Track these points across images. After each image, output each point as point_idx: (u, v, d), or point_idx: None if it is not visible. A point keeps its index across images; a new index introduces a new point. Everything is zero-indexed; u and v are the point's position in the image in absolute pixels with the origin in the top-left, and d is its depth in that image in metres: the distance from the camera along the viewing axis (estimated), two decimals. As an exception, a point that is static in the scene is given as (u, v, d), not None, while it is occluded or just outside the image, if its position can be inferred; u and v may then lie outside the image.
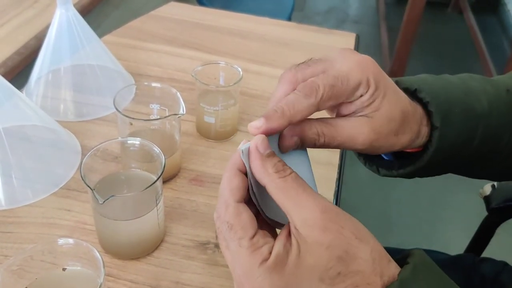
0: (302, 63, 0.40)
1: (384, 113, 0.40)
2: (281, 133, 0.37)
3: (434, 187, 1.78)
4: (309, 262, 0.31)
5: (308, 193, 0.33)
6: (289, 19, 1.81)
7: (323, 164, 0.70)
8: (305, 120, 0.38)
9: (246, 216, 0.34)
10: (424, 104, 0.43)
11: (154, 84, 0.66)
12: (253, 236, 0.33)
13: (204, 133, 0.73)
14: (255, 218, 0.34)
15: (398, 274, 0.33)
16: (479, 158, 0.46)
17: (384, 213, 1.67)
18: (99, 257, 0.43)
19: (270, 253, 0.32)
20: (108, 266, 0.54)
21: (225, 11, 1.08)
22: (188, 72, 0.84)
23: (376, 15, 2.89)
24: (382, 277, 0.32)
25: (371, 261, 0.32)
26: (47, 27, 0.74)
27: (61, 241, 0.44)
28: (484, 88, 0.46)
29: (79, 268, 0.45)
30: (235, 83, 0.69)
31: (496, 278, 0.77)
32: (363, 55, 0.40)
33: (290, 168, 0.34)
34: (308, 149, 0.40)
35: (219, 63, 0.73)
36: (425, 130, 0.43)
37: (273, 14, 1.16)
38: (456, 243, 1.05)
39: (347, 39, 1.04)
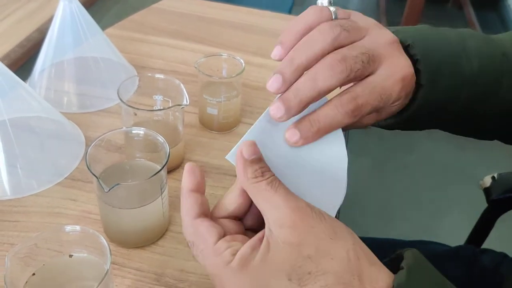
0: (339, 19, 0.38)
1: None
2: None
3: (434, 179, 1.79)
4: (277, 260, 0.31)
5: (279, 193, 0.33)
6: (290, 13, 1.81)
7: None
8: None
9: (203, 229, 0.35)
10: (414, 61, 0.43)
11: (157, 76, 0.66)
12: (215, 243, 0.34)
13: (207, 124, 0.73)
14: (215, 227, 0.36)
15: (393, 281, 0.31)
16: (464, 118, 0.46)
17: (384, 205, 1.67)
18: (106, 244, 0.43)
19: (234, 255, 0.33)
20: (113, 255, 0.54)
21: (227, 4, 1.09)
22: (191, 64, 0.84)
23: (377, 9, 2.89)
24: (361, 279, 0.31)
25: (346, 260, 0.31)
26: (49, 20, 0.74)
27: (68, 228, 0.45)
28: (480, 48, 0.45)
29: (85, 255, 0.46)
30: (237, 74, 0.69)
31: (496, 269, 0.78)
32: (408, 65, 0.40)
33: (270, 172, 0.35)
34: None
35: (222, 55, 0.73)
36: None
37: (274, 8, 1.16)
38: (455, 235, 1.05)
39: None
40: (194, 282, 0.53)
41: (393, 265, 0.33)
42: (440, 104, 0.44)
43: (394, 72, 0.38)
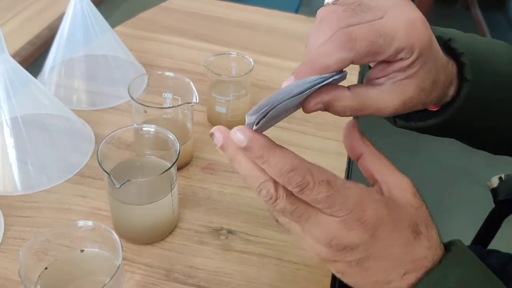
0: (347, 5, 0.35)
1: (415, 82, 0.37)
2: (307, 97, 0.35)
3: (439, 180, 1.78)
4: (403, 215, 0.35)
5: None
6: (297, 13, 1.81)
7: (333, 154, 0.71)
8: (335, 89, 0.36)
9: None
10: (456, 55, 0.41)
11: (167, 74, 0.67)
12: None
13: (216, 123, 0.73)
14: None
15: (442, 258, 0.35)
16: (499, 128, 0.45)
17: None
18: (117, 239, 0.44)
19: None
20: (123, 250, 0.54)
21: (235, 3, 1.09)
22: (199, 63, 0.84)
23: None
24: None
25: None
26: (59, 18, 0.75)
27: (80, 223, 0.45)
28: (509, 54, 0.45)
29: (97, 250, 0.47)
30: (246, 73, 0.70)
31: (502, 269, 0.78)
32: (418, 13, 0.36)
33: None
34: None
35: (231, 54, 0.73)
36: (453, 86, 0.42)
37: (281, 7, 1.16)
38: (461, 236, 1.05)
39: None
40: (203, 278, 0.53)
41: None
42: (484, 104, 0.42)
43: (400, 13, 0.35)
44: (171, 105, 0.67)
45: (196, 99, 0.62)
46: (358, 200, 0.33)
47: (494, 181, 0.87)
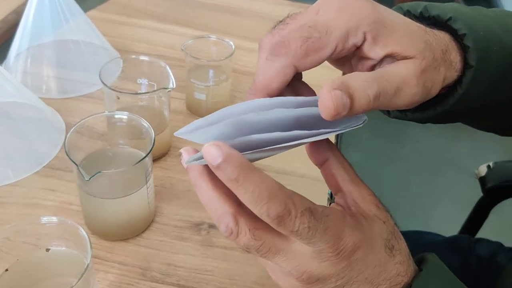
0: (280, 21, 0.34)
1: (406, 62, 0.33)
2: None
3: (425, 170, 1.78)
4: (375, 230, 0.33)
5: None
6: None
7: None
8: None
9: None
10: (458, 36, 0.36)
11: (142, 58, 0.62)
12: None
13: (195, 110, 0.70)
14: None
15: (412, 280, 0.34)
16: (507, 109, 0.41)
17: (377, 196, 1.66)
18: (86, 236, 0.40)
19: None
20: (95, 248, 0.51)
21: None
22: (177, 48, 0.80)
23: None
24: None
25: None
26: (27, 1, 0.70)
27: (44, 219, 0.41)
28: None
29: (63, 248, 0.43)
30: (227, 57, 0.66)
31: (492, 258, 0.76)
32: None
33: None
34: None
35: (210, 37, 0.69)
36: (456, 61, 0.36)
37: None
38: (448, 225, 1.04)
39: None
40: (183, 276, 0.50)
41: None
42: (488, 89, 0.38)
43: (330, 4, 0.33)
44: (146, 91, 0.62)
45: (173, 85, 0.58)
46: (335, 229, 0.30)
47: (482, 170, 0.85)
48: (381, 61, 0.34)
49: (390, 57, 0.33)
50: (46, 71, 0.73)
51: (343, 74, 0.35)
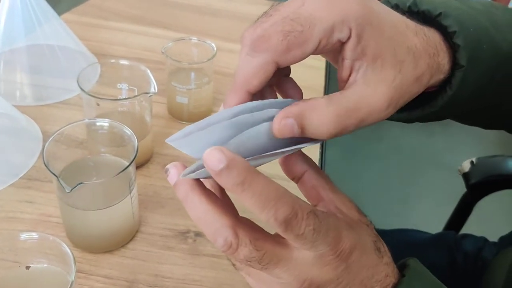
0: (263, 13, 0.32)
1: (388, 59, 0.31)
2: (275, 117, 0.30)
3: (403, 167, 1.79)
4: (364, 235, 0.33)
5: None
6: None
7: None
8: (304, 100, 0.31)
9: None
10: (448, 33, 0.35)
11: (121, 62, 0.60)
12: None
13: (177, 114, 0.68)
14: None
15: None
16: (494, 105, 0.41)
17: (355, 194, 1.66)
18: (69, 252, 0.38)
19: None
20: (78, 261, 0.49)
21: (193, -12, 1.03)
22: (156, 51, 0.78)
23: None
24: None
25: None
26: (-2, 4, 0.67)
27: (23, 235, 0.39)
28: (509, 20, 0.39)
29: (45, 265, 0.40)
30: (209, 59, 0.64)
31: (478, 254, 0.77)
32: None
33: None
34: None
35: (191, 39, 0.68)
36: (444, 63, 0.35)
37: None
38: (432, 221, 1.04)
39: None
40: (170, 287, 0.48)
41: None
42: (477, 89, 0.37)
43: None
44: (126, 97, 0.60)
45: (155, 89, 0.57)
46: (336, 231, 0.30)
47: (466, 166, 0.86)
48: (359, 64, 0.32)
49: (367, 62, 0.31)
50: (19, 77, 0.70)
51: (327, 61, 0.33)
